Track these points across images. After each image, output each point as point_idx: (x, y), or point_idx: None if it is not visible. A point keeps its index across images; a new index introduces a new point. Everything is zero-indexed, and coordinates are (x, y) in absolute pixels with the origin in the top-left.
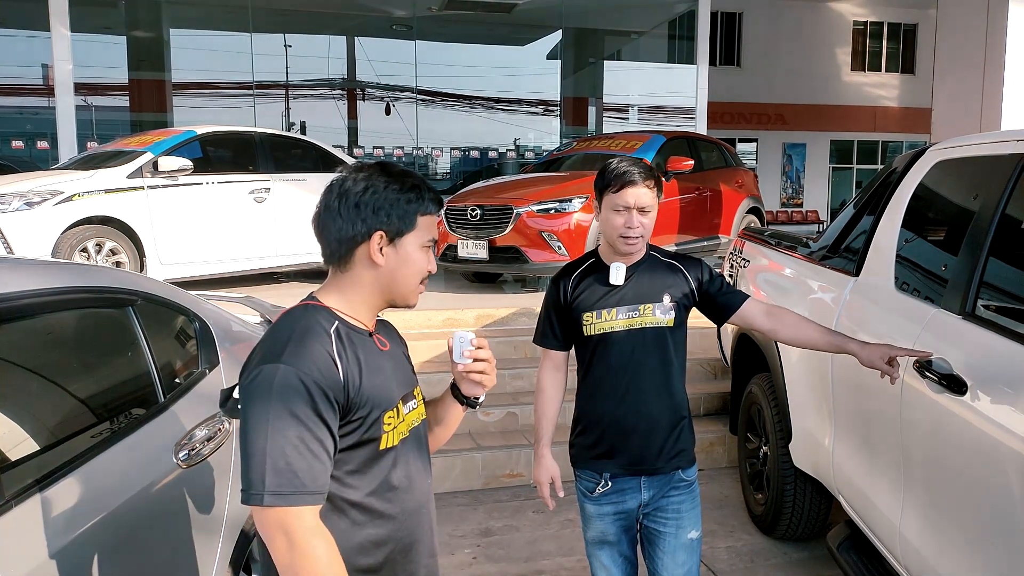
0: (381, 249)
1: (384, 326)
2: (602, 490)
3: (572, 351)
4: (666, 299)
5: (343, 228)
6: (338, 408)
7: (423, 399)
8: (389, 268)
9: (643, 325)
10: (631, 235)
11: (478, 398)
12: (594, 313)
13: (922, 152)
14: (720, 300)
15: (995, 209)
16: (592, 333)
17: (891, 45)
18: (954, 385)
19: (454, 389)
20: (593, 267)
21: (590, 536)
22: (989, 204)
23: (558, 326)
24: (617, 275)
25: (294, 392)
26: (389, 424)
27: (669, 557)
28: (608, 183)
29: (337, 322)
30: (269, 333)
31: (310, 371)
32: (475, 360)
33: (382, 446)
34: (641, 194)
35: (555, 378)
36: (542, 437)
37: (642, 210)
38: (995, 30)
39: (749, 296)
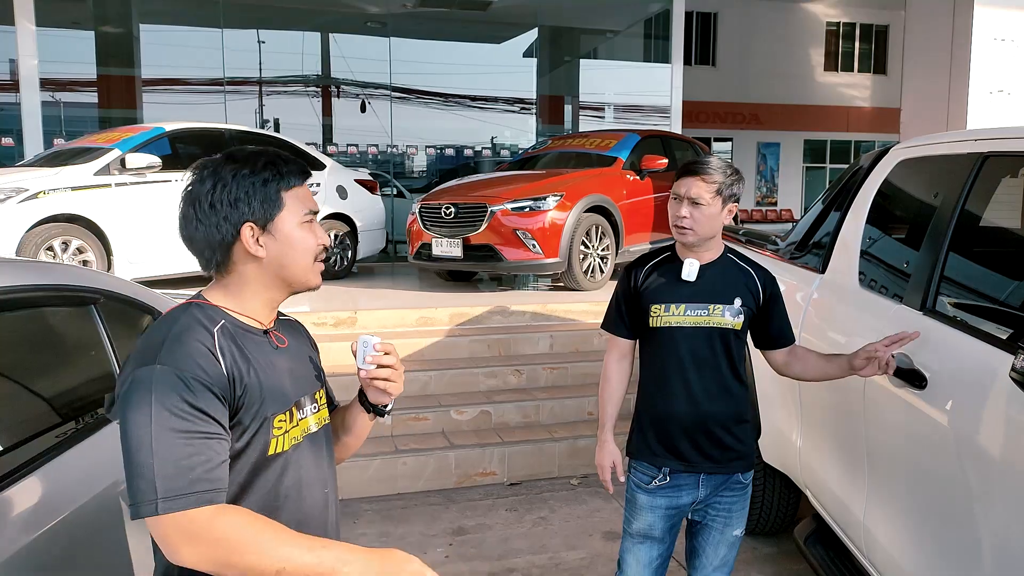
0: (257, 240)
1: (288, 325)
2: (659, 483)
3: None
4: (737, 302)
5: (209, 233)
6: (225, 403)
7: (328, 403)
8: (273, 257)
9: (710, 325)
10: (679, 224)
11: (386, 406)
12: (662, 306)
13: (886, 151)
14: (774, 328)
15: (955, 207)
16: (658, 326)
17: (863, 46)
18: (914, 379)
19: (361, 396)
20: (668, 260)
21: (635, 528)
22: (949, 202)
23: (627, 314)
24: (690, 271)
25: (173, 391)
26: (280, 428)
27: (711, 549)
28: (677, 173)
29: (223, 320)
30: (145, 336)
31: (189, 367)
32: (379, 366)
33: (270, 451)
34: (694, 185)
35: (621, 367)
36: (606, 423)
37: (694, 202)
38: (961, 32)
39: (794, 342)
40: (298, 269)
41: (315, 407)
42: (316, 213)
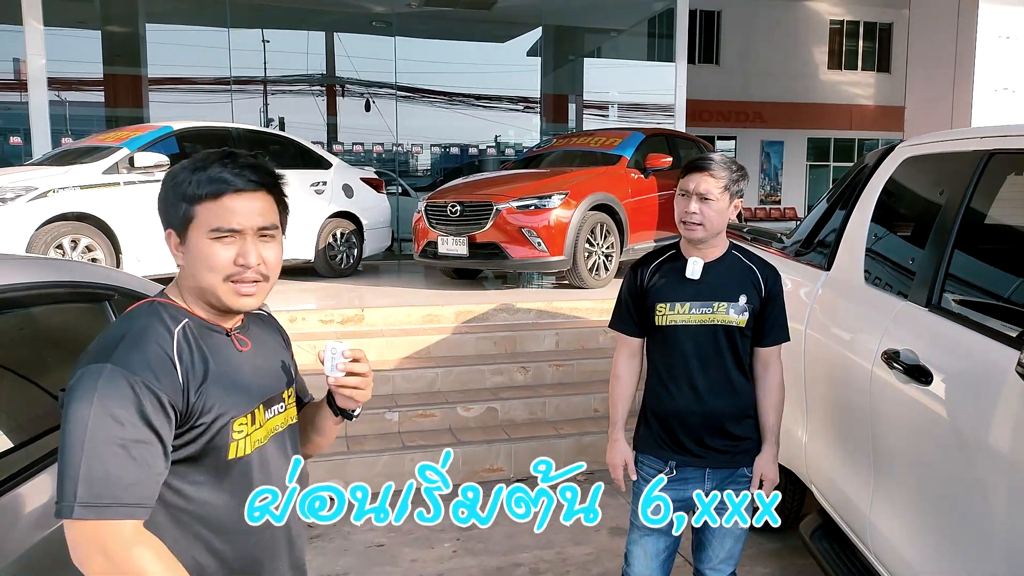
0: (177, 247)
1: (259, 321)
2: (666, 476)
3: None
4: (742, 299)
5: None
6: (175, 413)
7: (299, 400)
8: (187, 268)
9: (715, 322)
10: (688, 220)
11: (354, 410)
12: (667, 305)
13: (892, 148)
14: (766, 324)
15: (960, 204)
16: (663, 324)
17: (867, 44)
18: (920, 375)
19: (329, 398)
20: (672, 258)
21: (641, 521)
22: (954, 199)
23: (634, 312)
24: (694, 270)
25: (118, 394)
26: (240, 431)
27: (717, 542)
28: (683, 169)
29: (186, 320)
30: (104, 332)
31: (140, 372)
32: (349, 374)
33: (231, 455)
34: (703, 181)
35: (630, 364)
36: (617, 421)
37: (703, 198)
38: (965, 29)
39: (787, 341)
40: (206, 286)
41: (282, 406)
42: (237, 232)
